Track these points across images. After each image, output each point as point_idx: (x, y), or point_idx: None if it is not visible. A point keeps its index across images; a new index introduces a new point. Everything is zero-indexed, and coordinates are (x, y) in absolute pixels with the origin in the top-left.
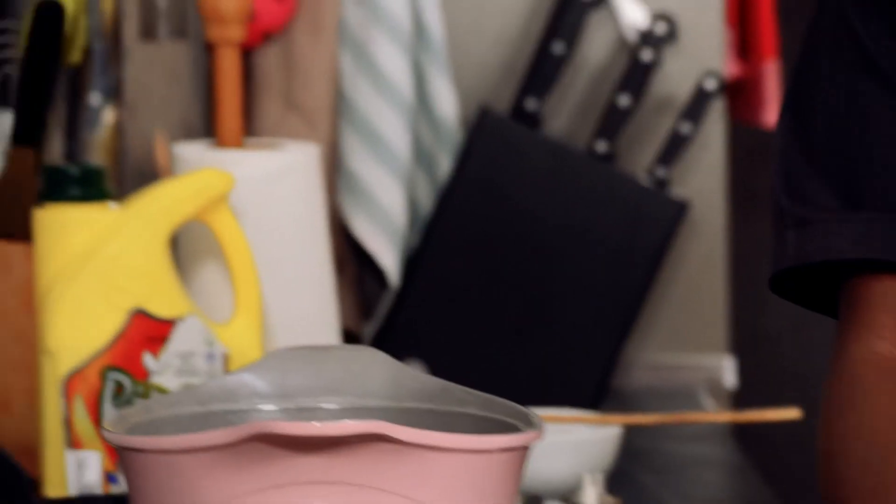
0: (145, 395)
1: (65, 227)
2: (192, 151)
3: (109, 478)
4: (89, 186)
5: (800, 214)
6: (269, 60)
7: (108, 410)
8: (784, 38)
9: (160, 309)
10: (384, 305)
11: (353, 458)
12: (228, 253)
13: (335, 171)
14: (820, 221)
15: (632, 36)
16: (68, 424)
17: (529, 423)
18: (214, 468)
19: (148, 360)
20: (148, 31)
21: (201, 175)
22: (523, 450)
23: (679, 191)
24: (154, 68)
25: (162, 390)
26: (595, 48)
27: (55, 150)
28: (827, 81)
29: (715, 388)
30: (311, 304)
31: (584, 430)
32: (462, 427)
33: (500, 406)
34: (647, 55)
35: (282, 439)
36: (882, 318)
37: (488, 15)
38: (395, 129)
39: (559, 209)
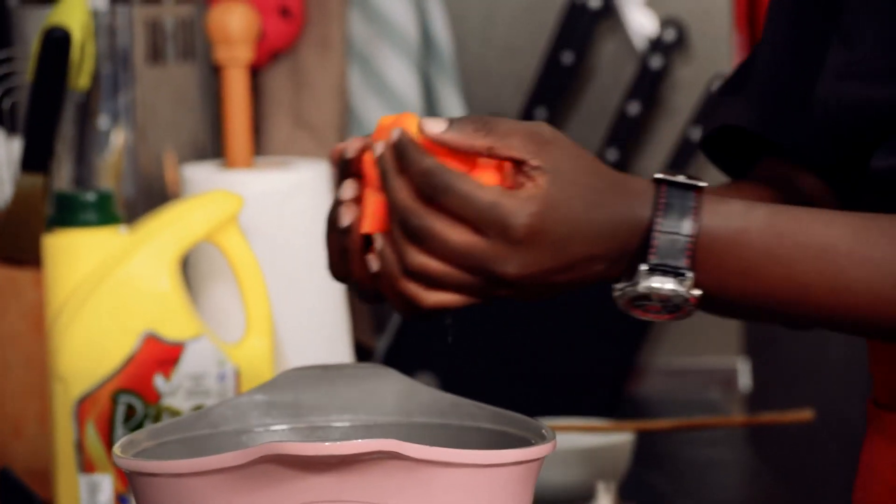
0: (157, 418)
1: (75, 252)
2: (202, 173)
3: (121, 500)
4: (101, 211)
5: (716, 100)
6: (277, 79)
7: (120, 433)
8: None
9: (171, 331)
10: (396, 319)
11: (364, 476)
12: (239, 273)
13: None
14: (720, 103)
15: (640, 43)
16: (80, 448)
17: (541, 436)
18: (226, 491)
19: (159, 382)
20: (156, 54)
21: (210, 197)
22: (535, 462)
23: None
24: (162, 91)
25: (174, 412)
26: (604, 57)
27: (64, 174)
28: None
29: (729, 390)
30: (324, 321)
31: (596, 438)
32: (474, 441)
33: (512, 419)
34: (656, 62)
35: (292, 460)
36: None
37: (496, 26)
38: None
39: None
